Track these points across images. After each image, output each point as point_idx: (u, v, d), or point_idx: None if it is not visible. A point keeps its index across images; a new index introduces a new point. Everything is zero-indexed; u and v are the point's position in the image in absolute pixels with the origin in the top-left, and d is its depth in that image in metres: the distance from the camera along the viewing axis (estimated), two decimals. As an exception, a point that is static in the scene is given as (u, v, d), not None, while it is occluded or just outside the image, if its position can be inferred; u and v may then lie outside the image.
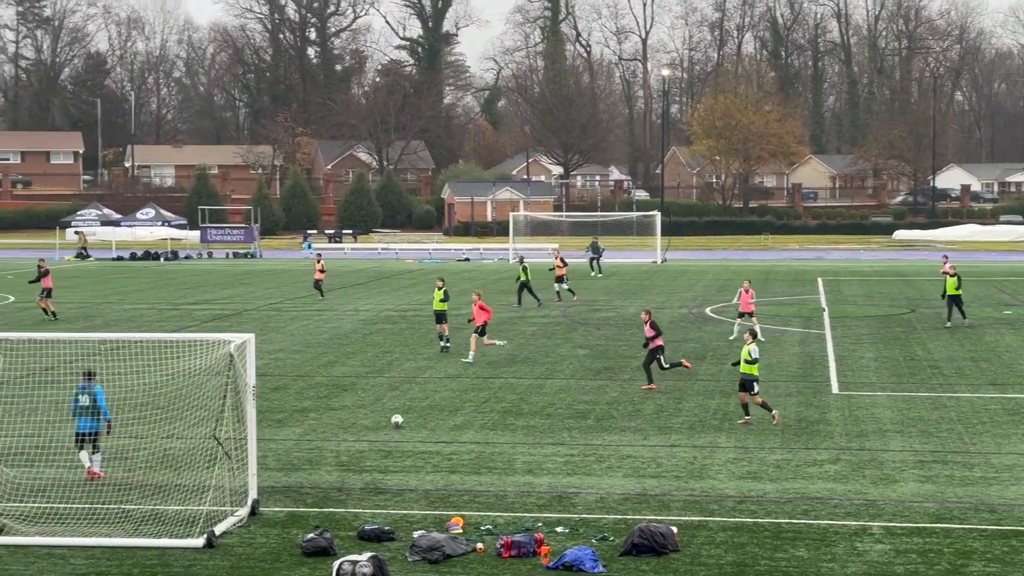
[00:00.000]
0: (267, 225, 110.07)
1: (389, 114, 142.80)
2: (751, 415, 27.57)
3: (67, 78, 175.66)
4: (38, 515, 20.05)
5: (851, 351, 39.04)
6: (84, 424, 22.87)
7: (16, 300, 56.22)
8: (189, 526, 19.43)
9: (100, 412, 23.01)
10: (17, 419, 25.76)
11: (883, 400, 30.87)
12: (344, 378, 34.19)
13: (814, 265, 79.77)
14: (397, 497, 21.75)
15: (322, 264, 57.08)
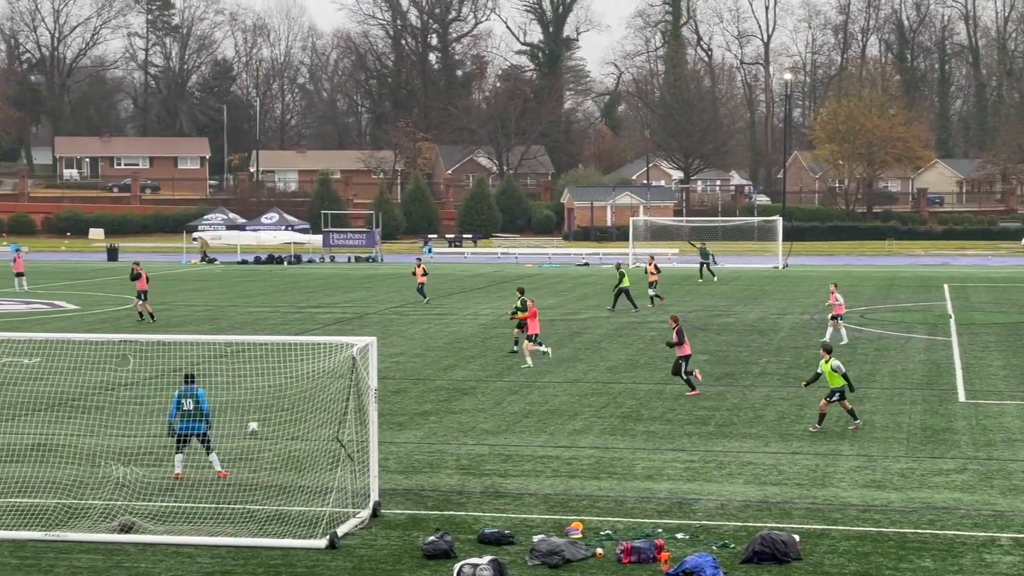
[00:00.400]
0: (388, 229, 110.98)
1: (509, 119, 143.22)
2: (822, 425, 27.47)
3: (194, 85, 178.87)
4: (166, 514, 20.43)
5: (978, 359, 38.31)
6: (186, 426, 23.00)
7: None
8: (312, 527, 19.66)
9: (203, 414, 23.12)
10: (146, 419, 26.36)
11: (1012, 409, 30.24)
12: (464, 382, 34.35)
13: (940, 271, 78.41)
14: (517, 501, 21.79)
15: (423, 268, 57.68)
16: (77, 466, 23.18)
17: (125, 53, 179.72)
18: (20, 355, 33.65)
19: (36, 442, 24.94)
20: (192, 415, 23.00)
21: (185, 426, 23.01)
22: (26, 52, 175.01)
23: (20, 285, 64.26)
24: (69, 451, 24.27)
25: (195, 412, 23.02)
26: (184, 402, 23.05)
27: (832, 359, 27.51)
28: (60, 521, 20.12)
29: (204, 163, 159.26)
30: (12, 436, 25.67)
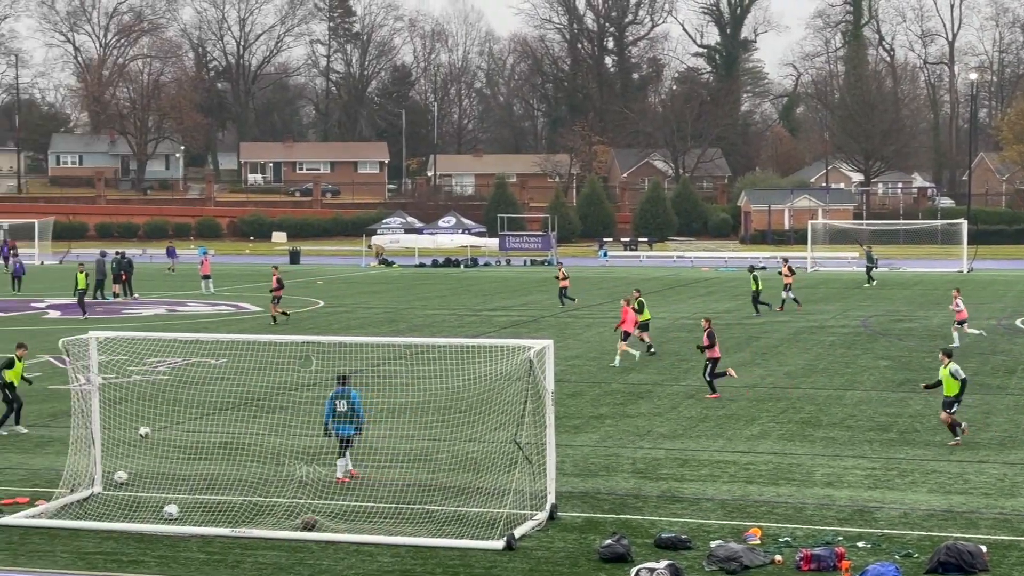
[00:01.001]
0: (563, 233, 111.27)
1: (685, 122, 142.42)
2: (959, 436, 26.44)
3: (374, 90, 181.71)
4: (347, 513, 20.78)
5: None
6: (342, 429, 23.07)
7: (326, 305, 58.47)
8: (489, 528, 19.81)
9: (357, 416, 23.19)
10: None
11: None
12: (640, 385, 34.26)
13: None
14: (694, 506, 21.66)
15: (564, 271, 57.83)
16: (262, 464, 23.73)
17: (307, 60, 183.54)
18: (207, 355, 34.63)
19: (223, 440, 25.60)
20: (346, 417, 23.07)
21: (340, 428, 23.07)
22: (213, 60, 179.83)
23: (206, 287, 66.05)
24: (254, 450, 24.87)
25: (349, 414, 23.06)
26: (338, 404, 23.11)
27: (951, 363, 26.59)
28: (246, 518, 20.62)
29: (383, 167, 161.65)
30: (200, 434, 26.39)
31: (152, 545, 19.36)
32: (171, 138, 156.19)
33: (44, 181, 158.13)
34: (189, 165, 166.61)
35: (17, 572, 18.20)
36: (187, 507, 21.15)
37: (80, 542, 19.50)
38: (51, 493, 21.87)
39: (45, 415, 30.08)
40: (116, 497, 21.74)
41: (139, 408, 27.79)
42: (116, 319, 51.98)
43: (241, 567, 18.32)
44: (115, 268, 62.66)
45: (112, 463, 23.08)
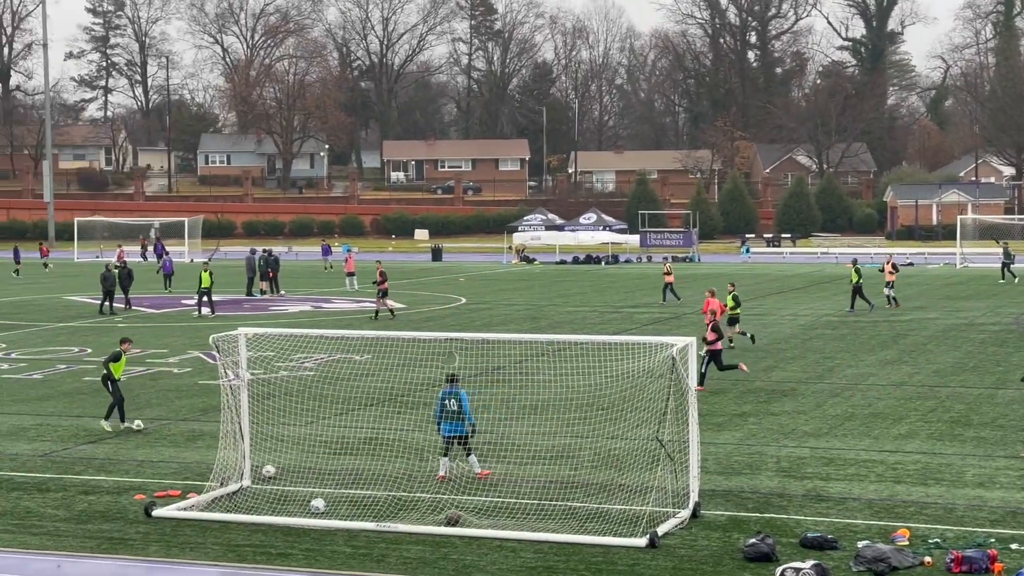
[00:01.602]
0: (705, 229, 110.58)
1: (830, 116, 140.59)
2: None
3: (515, 87, 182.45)
4: (490, 509, 20.90)
5: None
6: (449, 428, 23.00)
7: (468, 301, 58.85)
8: (632, 525, 19.75)
9: (465, 416, 23.09)
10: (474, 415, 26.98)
11: None
12: (784, 383, 33.89)
13: None
14: (839, 505, 21.36)
15: (669, 267, 58.25)
16: (405, 460, 23.97)
17: (449, 58, 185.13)
18: (351, 352, 35.07)
19: (367, 436, 25.91)
20: (455, 416, 23.08)
21: (450, 428, 23.06)
22: (356, 59, 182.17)
23: (351, 284, 66.93)
24: (398, 445, 25.12)
25: (458, 413, 23.05)
26: (448, 402, 23.14)
27: None
28: (390, 513, 20.84)
29: (524, 165, 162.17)
30: (345, 429, 26.76)
31: (299, 538, 19.68)
32: (316, 137, 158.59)
33: (193, 180, 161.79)
34: (333, 163, 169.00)
35: (170, 563, 18.64)
36: (333, 501, 21.45)
37: (230, 534, 19.90)
38: (202, 486, 22.34)
39: (196, 410, 30.76)
40: (264, 491, 22.15)
41: (286, 403, 28.28)
42: (263, 316, 52.93)
43: (386, 561, 18.53)
44: (262, 266, 63.81)
45: (260, 457, 23.51)
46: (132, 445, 26.80)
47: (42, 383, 35.18)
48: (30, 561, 18.77)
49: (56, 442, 27.15)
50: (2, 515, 21.15)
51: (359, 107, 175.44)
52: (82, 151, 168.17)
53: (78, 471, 24.34)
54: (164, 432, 28.15)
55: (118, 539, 19.72)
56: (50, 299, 62.46)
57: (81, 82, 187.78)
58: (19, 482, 23.47)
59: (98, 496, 22.35)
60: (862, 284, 52.24)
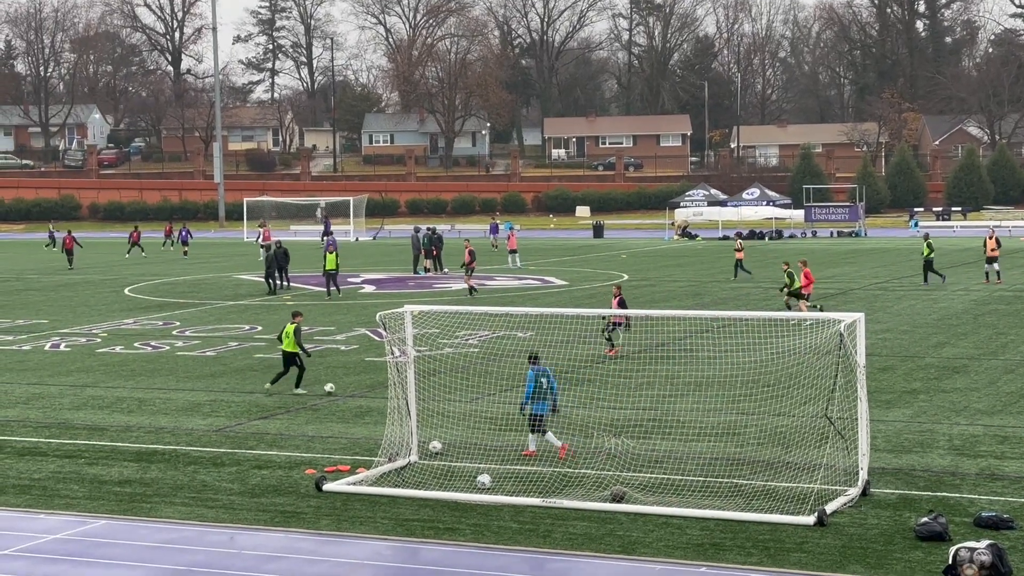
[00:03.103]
0: (872, 203, 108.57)
1: (1002, 86, 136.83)
2: None
3: (676, 62, 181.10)
4: (655, 486, 20.86)
5: None
6: (540, 407, 22.92)
7: (630, 278, 58.73)
8: (800, 503, 19.54)
9: (553, 393, 22.97)
10: (635, 392, 26.99)
11: None
12: (955, 359, 33.17)
13: None
14: (1015, 484, 20.85)
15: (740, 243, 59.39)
16: (570, 436, 24.03)
17: (610, 34, 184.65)
18: (515, 328, 35.27)
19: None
20: (544, 394, 22.93)
21: (540, 406, 22.94)
22: (517, 37, 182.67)
23: (513, 262, 67.27)
24: (562, 421, 25.20)
25: (547, 391, 22.92)
26: (541, 381, 22.98)
27: None
28: (556, 489, 20.94)
29: (685, 140, 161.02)
30: (510, 406, 26.82)
31: (466, 513, 19.88)
32: (477, 115, 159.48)
33: (358, 160, 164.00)
34: (495, 142, 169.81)
35: (341, 536, 18.99)
36: (499, 477, 21.62)
37: (399, 509, 20.19)
38: (370, 461, 22.70)
39: (363, 386, 31.24)
40: (431, 466, 22.42)
41: (451, 380, 28.59)
42: (427, 293, 53.50)
43: (552, 536, 18.63)
44: (426, 243, 64.48)
45: (427, 433, 23.80)
46: (302, 420, 27.35)
47: (215, 360, 36.08)
48: (206, 533, 19.28)
49: (229, 417, 27.84)
50: (179, 488, 21.77)
51: (520, 85, 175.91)
52: (250, 132, 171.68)
53: (251, 446, 24.93)
54: (333, 408, 28.66)
55: (290, 512, 20.15)
56: (220, 277, 63.99)
57: (248, 65, 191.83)
58: (195, 456, 24.13)
59: (271, 470, 22.86)
60: (933, 258, 52.53)
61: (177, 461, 23.75)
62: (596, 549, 18.05)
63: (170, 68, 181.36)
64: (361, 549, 18.41)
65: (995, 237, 53.39)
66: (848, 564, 17.12)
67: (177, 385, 32.09)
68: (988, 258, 52.46)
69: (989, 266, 52.43)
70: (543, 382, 23.08)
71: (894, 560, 17.21)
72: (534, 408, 23.13)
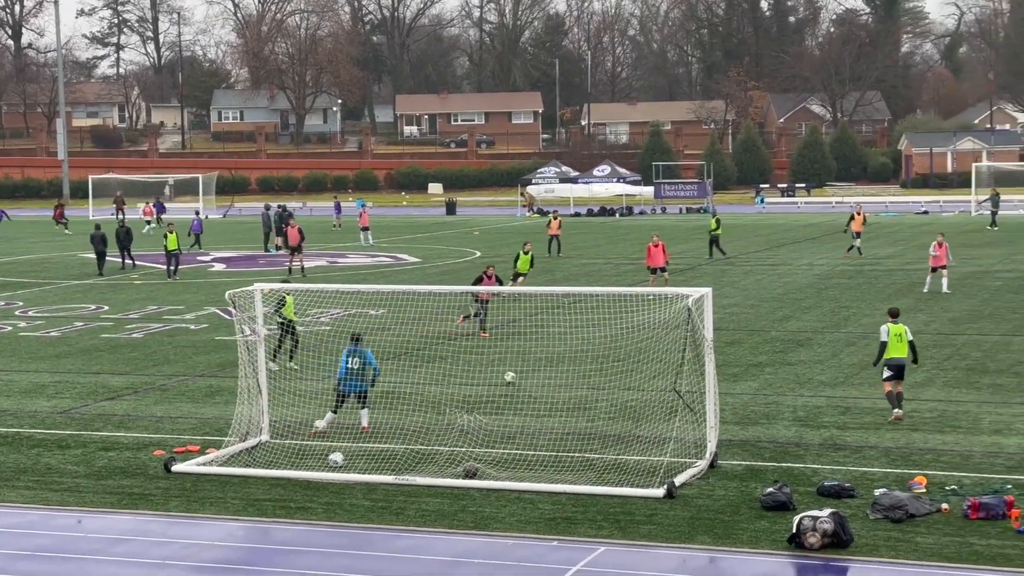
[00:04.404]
0: (719, 180, 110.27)
1: (843, 65, 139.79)
2: None
3: (527, 40, 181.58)
4: (508, 461, 20.98)
5: None
6: (351, 385, 23.07)
7: (482, 255, 58.86)
8: (650, 476, 19.83)
9: (372, 371, 23.09)
10: (487, 369, 27.10)
11: None
12: (799, 333, 33.90)
13: None
14: (856, 454, 21.41)
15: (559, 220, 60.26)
16: (423, 413, 24.05)
17: (461, 11, 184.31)
18: (367, 307, 35.13)
19: (384, 390, 25.98)
20: (357, 374, 23.04)
21: (350, 385, 23.07)
22: (368, 14, 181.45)
23: (365, 239, 66.95)
24: (415, 399, 25.22)
25: (360, 371, 23.00)
26: (351, 360, 23.07)
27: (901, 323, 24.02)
28: (409, 466, 20.95)
29: (537, 117, 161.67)
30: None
31: (319, 492, 19.80)
32: (328, 92, 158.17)
33: (207, 137, 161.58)
34: (346, 119, 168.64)
35: (191, 517, 18.77)
36: (352, 455, 21.56)
37: (250, 489, 20.02)
38: (221, 441, 22.47)
39: (214, 365, 30.87)
40: (283, 446, 22.26)
41: (303, 358, 28.39)
42: (279, 271, 53.00)
43: (405, 514, 18.64)
44: (277, 221, 63.81)
45: (279, 412, 23.61)
46: (151, 401, 26.94)
47: (60, 341, 35.34)
48: (51, 517, 18.92)
49: (75, 399, 27.30)
50: (23, 472, 21.31)
51: (371, 62, 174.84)
52: (95, 109, 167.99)
53: (97, 428, 24.49)
54: (182, 388, 28.28)
55: (138, 495, 19.86)
56: (65, 256, 62.62)
57: (93, 39, 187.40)
58: (39, 439, 23.62)
59: (118, 452, 22.49)
60: (719, 235, 54.52)
61: (20, 444, 23.24)
62: (449, 525, 18.12)
63: (10, 42, 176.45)
64: (211, 530, 18.22)
65: (863, 213, 54.80)
66: (696, 535, 17.43)
67: (20, 366, 31.35)
68: (856, 233, 53.71)
69: (857, 241, 53.66)
70: (352, 362, 23.03)
71: (740, 530, 17.57)
72: (343, 387, 23.19)
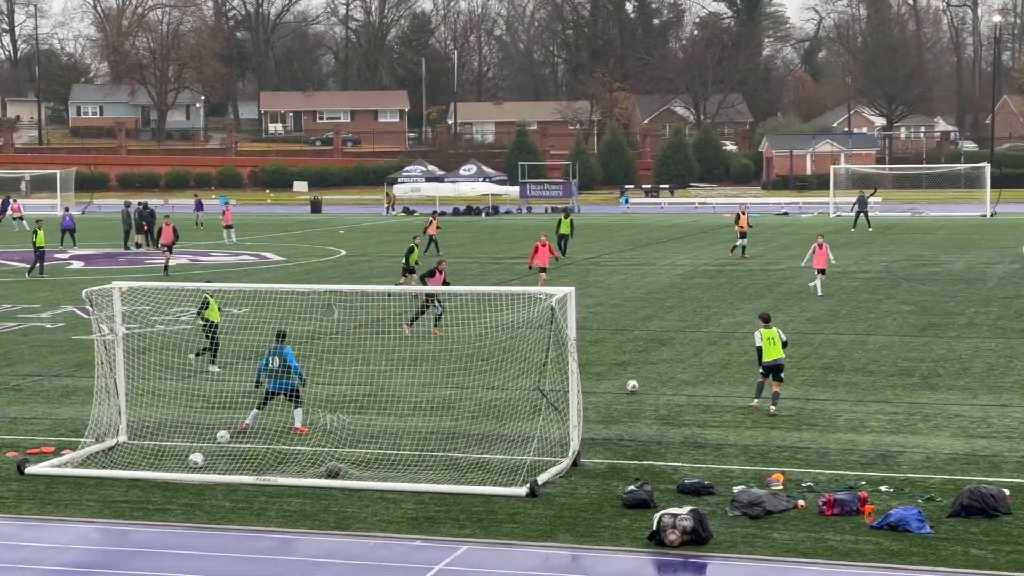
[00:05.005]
0: (584, 180, 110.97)
1: (706, 67, 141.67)
2: None
3: (394, 38, 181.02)
4: (371, 461, 20.89)
5: None
6: (274, 384, 23.01)
7: (347, 254, 58.54)
8: (513, 475, 19.88)
9: (293, 372, 23.00)
10: (351, 368, 26.92)
11: None
12: (662, 332, 34.26)
13: None
14: (716, 452, 21.70)
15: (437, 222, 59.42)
16: (286, 413, 23.83)
17: (327, 8, 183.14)
18: (229, 305, 34.70)
19: (247, 389, 25.68)
20: (279, 373, 22.97)
21: (274, 384, 23.00)
22: (232, 9, 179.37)
23: (229, 237, 66.16)
24: (278, 398, 24.95)
25: (281, 370, 22.94)
26: (272, 360, 23.00)
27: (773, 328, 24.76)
28: (270, 466, 20.74)
29: (403, 116, 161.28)
30: (225, 383, 26.52)
31: (178, 493, 19.51)
32: (191, 88, 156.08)
33: (65, 132, 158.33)
34: (210, 115, 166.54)
35: (44, 520, 18.36)
36: (212, 455, 21.29)
37: (106, 491, 19.65)
38: (77, 443, 22.02)
39: (70, 365, 30.26)
40: (142, 446, 21.89)
41: (163, 358, 27.93)
42: (139, 269, 52.14)
43: (266, 514, 18.45)
44: (138, 219, 62.76)
45: (137, 413, 23.21)
46: (4, 402, 26.30)
47: (-90, 340, 34.33)
48: (-101, 522, 18.37)
49: (-75, 400, 26.54)
50: None
51: (235, 58, 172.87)
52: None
53: (-52, 429, 23.83)
54: (37, 388, 27.67)
55: (-9, 498, 19.38)
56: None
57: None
58: None
59: (-31, 454, 21.92)
60: (568, 235, 55.02)
61: None
62: (311, 526, 17.97)
63: None
64: (65, 533, 17.85)
65: (747, 214, 55.50)
66: (558, 533, 17.51)
67: None
68: (740, 233, 54.28)
69: (741, 241, 54.21)
70: (273, 361, 22.88)
71: (602, 528, 17.69)
72: (269, 385, 23.00)
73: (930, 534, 17.17)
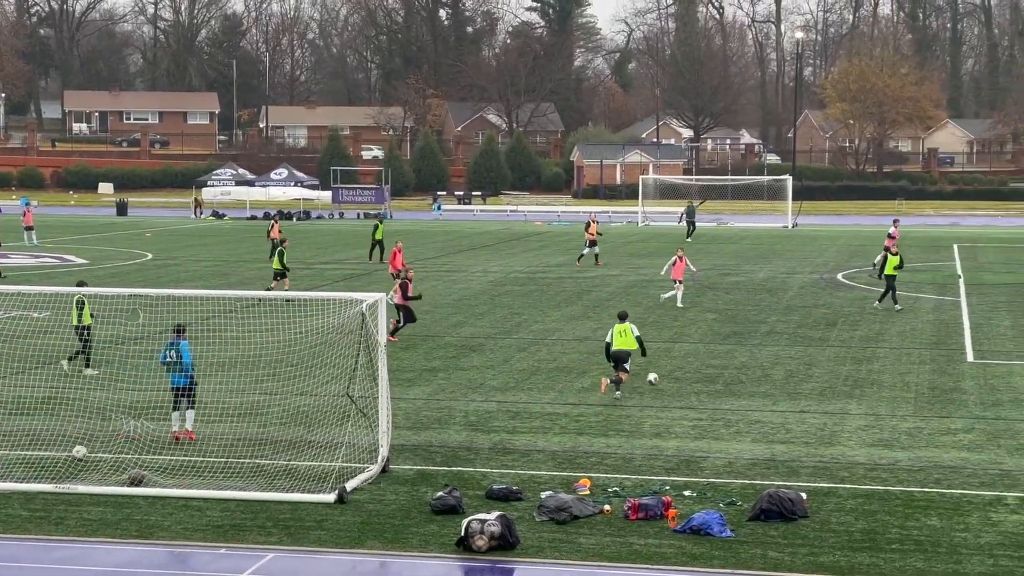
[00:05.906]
0: (397, 186, 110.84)
1: (519, 76, 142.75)
2: None
3: (204, 39, 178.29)
4: (175, 468, 20.53)
5: (987, 319, 38.29)
6: (175, 379, 22.74)
7: (154, 257, 57.44)
8: (321, 482, 19.74)
9: (184, 368, 22.73)
10: (156, 373, 26.39)
11: (1020, 369, 30.25)
12: (472, 339, 34.40)
13: (949, 231, 78.29)
14: (525, 457, 21.87)
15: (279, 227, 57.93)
16: (87, 419, 23.26)
17: (134, 7, 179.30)
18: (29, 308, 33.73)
19: (46, 395, 25.04)
20: (174, 368, 22.71)
21: (175, 379, 22.69)
22: (35, 5, 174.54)
23: (29, 239, 64.33)
24: (79, 404, 24.35)
25: (176, 365, 22.70)
26: (169, 353, 22.74)
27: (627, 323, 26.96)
28: (70, 474, 20.23)
29: (213, 118, 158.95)
30: (22, 389, 25.77)
31: (-28, 503, 18.88)
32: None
33: None
34: (10, 114, 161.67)
35: None
36: (8, 464, 20.66)
37: None
38: None
39: None
40: (-66, 454, 21.14)
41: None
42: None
43: (65, 523, 17.98)
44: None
45: (-70, 420, 22.40)
46: None
47: None
48: None
49: None
50: None
51: (38, 55, 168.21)
52: None
53: None
54: None
55: None
56: None
57: None
58: None
59: None
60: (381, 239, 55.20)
61: None
62: (111, 534, 17.58)
63: None
64: None
65: (597, 222, 55.97)
66: (366, 540, 17.45)
67: None
68: (589, 241, 54.46)
69: (589, 249, 54.41)
70: (169, 354, 22.63)
71: (410, 534, 17.69)
72: (172, 380, 22.67)
73: (731, 537, 17.57)
